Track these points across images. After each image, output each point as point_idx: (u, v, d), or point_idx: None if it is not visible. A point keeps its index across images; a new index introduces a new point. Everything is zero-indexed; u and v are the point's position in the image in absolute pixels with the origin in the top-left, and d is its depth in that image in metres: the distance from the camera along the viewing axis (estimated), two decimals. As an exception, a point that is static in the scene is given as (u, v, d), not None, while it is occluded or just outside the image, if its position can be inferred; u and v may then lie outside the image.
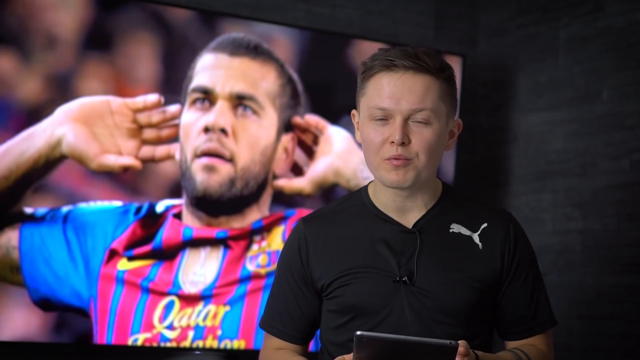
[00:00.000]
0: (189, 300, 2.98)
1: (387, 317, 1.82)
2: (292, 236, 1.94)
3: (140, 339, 2.93)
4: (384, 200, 1.89)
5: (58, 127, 2.84)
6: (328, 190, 3.17)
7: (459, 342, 1.64)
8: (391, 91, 1.80)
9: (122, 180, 2.92)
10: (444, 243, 1.86)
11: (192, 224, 3.00)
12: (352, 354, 1.66)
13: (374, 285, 1.83)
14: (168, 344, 2.96)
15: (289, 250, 1.94)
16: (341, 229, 1.90)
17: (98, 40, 2.91)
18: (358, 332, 1.60)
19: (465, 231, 1.88)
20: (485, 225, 1.89)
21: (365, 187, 1.94)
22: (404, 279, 1.82)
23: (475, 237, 1.88)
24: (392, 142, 1.79)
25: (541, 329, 1.90)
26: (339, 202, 1.97)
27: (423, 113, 1.80)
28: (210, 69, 3.00)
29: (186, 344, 2.97)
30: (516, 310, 1.89)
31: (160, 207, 2.98)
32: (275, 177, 3.10)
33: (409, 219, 1.88)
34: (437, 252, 1.85)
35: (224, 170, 3.00)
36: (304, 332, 1.93)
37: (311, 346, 2.01)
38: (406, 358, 1.62)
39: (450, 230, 1.88)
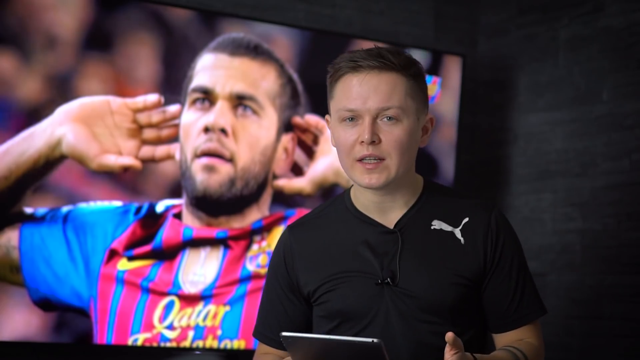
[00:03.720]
0: (189, 300, 2.98)
1: (373, 319, 1.82)
2: (278, 245, 1.95)
3: (140, 339, 2.93)
4: (364, 202, 1.89)
5: (58, 127, 2.84)
6: (328, 190, 3.17)
7: (448, 333, 1.64)
8: (357, 92, 1.81)
9: (122, 180, 2.92)
10: (426, 241, 1.86)
11: (192, 224, 3.00)
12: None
13: (358, 289, 1.83)
14: (168, 344, 2.96)
15: (275, 259, 1.95)
16: (325, 235, 1.90)
17: (98, 40, 2.91)
18: (283, 333, 1.62)
19: (446, 227, 1.87)
20: (466, 219, 1.88)
21: (348, 190, 1.95)
22: (386, 280, 1.82)
23: (457, 232, 1.87)
24: (362, 141, 1.80)
25: (529, 320, 1.88)
26: (323, 207, 1.97)
27: (390, 111, 1.80)
28: (210, 69, 3.01)
29: (186, 344, 2.98)
30: (501, 301, 1.87)
31: (160, 207, 2.98)
32: (275, 177, 3.10)
33: (390, 219, 1.88)
34: (419, 250, 1.85)
35: (224, 170, 3.00)
36: None
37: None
38: (337, 357, 1.63)
39: (432, 227, 1.87)
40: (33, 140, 2.81)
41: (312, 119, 3.16)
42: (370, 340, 1.57)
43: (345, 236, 1.88)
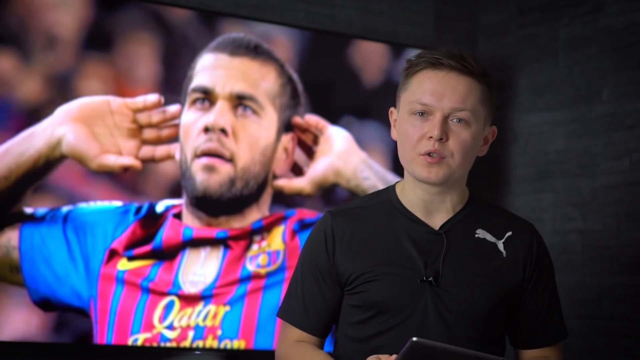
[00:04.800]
0: (189, 300, 2.98)
1: (410, 316, 1.82)
2: (318, 227, 1.92)
3: (140, 339, 2.93)
4: (412, 199, 1.89)
5: (58, 127, 2.84)
6: (328, 190, 3.17)
7: None
8: (434, 88, 1.83)
9: (122, 180, 2.92)
10: (469, 248, 1.87)
11: (192, 224, 3.00)
12: (386, 355, 1.68)
13: (400, 283, 1.83)
14: (168, 344, 2.96)
15: (314, 241, 1.92)
16: (367, 225, 1.89)
17: (98, 40, 2.91)
18: (414, 339, 1.59)
19: (490, 238, 1.89)
20: (510, 233, 1.90)
21: (393, 185, 1.95)
22: (429, 279, 1.82)
23: (500, 245, 1.89)
24: (430, 137, 1.81)
25: (554, 341, 1.93)
26: (366, 199, 1.97)
27: (463, 113, 1.83)
28: (210, 69, 3.01)
29: (186, 344, 2.97)
30: (532, 321, 1.91)
31: (160, 207, 2.98)
32: (275, 177, 3.10)
33: (436, 221, 1.88)
34: (463, 255, 1.86)
35: (224, 170, 3.00)
36: (324, 324, 1.92)
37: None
38: None
39: (476, 236, 1.89)
40: (33, 140, 2.81)
41: (312, 119, 3.16)
42: (500, 358, 1.60)
43: (389, 229, 1.88)
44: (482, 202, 1.95)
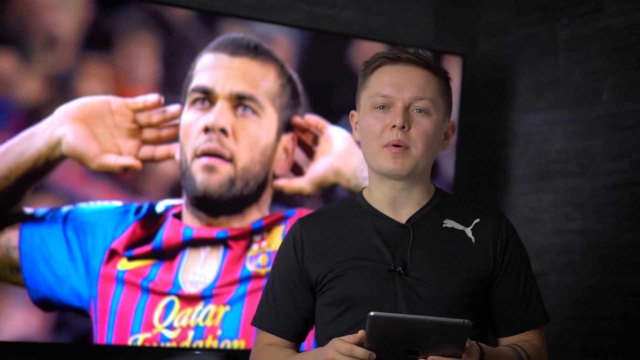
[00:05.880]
0: (189, 300, 2.98)
1: (380, 306, 1.83)
2: (288, 235, 1.97)
3: (140, 339, 2.93)
4: (378, 197, 1.92)
5: (58, 127, 2.84)
6: (328, 190, 3.17)
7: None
8: (393, 80, 1.87)
9: (122, 180, 2.92)
10: (437, 237, 1.89)
11: (192, 224, 3.00)
12: (348, 335, 1.69)
13: (368, 275, 1.86)
14: (168, 344, 2.96)
15: (284, 249, 1.96)
16: (336, 226, 1.93)
17: (98, 40, 2.91)
18: (372, 313, 1.61)
19: (458, 226, 1.91)
20: (477, 220, 1.92)
21: (360, 191, 1.98)
22: (398, 268, 1.84)
23: (468, 231, 1.91)
24: (393, 126, 1.84)
25: (533, 325, 1.92)
26: (334, 204, 2.02)
27: (423, 102, 1.86)
28: (210, 69, 3.01)
29: (186, 344, 2.98)
30: (508, 306, 1.91)
31: (160, 207, 2.98)
32: (275, 177, 3.10)
33: (402, 215, 1.91)
34: (431, 245, 1.88)
35: (224, 170, 3.00)
36: (298, 329, 1.94)
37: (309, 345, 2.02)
38: (419, 337, 1.63)
39: (444, 225, 1.91)
40: (33, 140, 2.81)
41: (312, 119, 3.16)
42: (461, 320, 1.60)
43: (357, 227, 1.91)
44: (448, 195, 1.98)
